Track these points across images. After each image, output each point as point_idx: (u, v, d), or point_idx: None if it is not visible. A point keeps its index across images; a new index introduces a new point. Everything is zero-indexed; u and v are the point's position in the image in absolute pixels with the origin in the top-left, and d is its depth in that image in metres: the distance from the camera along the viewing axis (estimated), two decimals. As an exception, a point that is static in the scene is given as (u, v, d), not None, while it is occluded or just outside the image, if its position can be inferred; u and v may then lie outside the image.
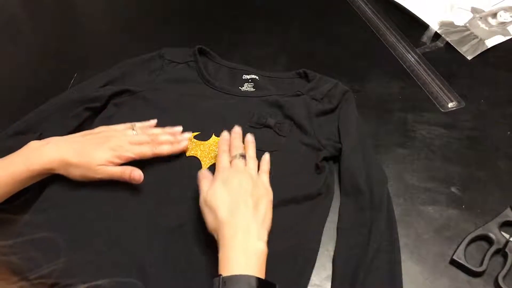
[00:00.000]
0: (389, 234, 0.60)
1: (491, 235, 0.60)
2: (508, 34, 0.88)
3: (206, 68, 0.78)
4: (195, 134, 0.70)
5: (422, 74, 0.82)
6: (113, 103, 0.74)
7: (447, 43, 0.87)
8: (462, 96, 0.78)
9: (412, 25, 0.91)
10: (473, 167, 0.69)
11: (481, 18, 0.90)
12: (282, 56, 0.86)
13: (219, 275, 0.49)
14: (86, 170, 0.61)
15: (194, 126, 0.70)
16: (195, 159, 0.67)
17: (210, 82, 0.76)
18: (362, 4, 0.96)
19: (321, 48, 0.88)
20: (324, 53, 0.87)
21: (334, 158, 0.69)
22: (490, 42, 0.86)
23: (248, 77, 0.78)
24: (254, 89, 0.76)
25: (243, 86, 0.77)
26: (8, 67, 0.87)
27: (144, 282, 0.54)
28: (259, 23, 0.93)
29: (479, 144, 0.72)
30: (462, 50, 0.86)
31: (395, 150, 0.72)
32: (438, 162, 0.70)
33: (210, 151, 0.68)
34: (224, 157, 0.62)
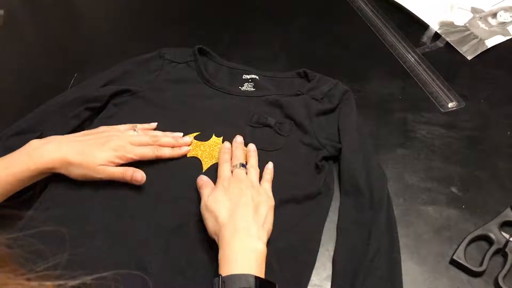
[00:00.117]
0: (389, 234, 0.60)
1: (491, 235, 0.61)
2: (508, 34, 0.88)
3: (206, 68, 0.79)
4: (195, 135, 0.70)
5: (422, 74, 0.82)
6: (113, 103, 0.74)
7: (447, 43, 0.87)
8: (462, 96, 0.78)
9: (412, 25, 0.91)
10: (473, 167, 0.69)
11: (481, 18, 0.91)
12: (282, 56, 0.86)
13: (219, 275, 0.49)
14: (87, 170, 0.61)
15: (194, 126, 0.71)
16: (196, 159, 0.67)
17: (210, 82, 0.76)
18: (362, 4, 0.96)
19: (321, 48, 0.88)
20: (324, 53, 0.87)
21: (334, 158, 0.69)
22: (490, 42, 0.86)
23: (248, 77, 0.78)
24: (254, 89, 0.76)
25: (243, 86, 0.77)
26: (8, 67, 0.87)
27: (135, 283, 0.54)
28: (259, 23, 0.93)
29: (479, 144, 0.72)
30: (462, 50, 0.86)
31: (395, 150, 0.72)
32: (438, 162, 0.70)
33: (211, 151, 0.68)
34: (226, 167, 0.63)
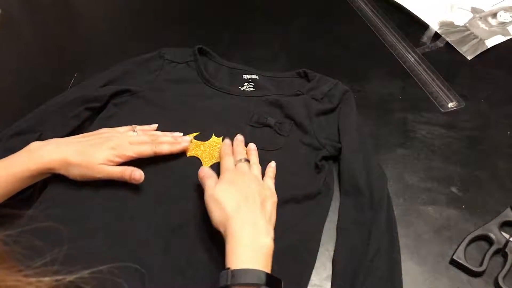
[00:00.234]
0: (389, 234, 0.60)
1: (491, 235, 0.61)
2: (508, 34, 0.88)
3: (206, 68, 0.79)
4: (195, 134, 0.70)
5: (422, 74, 0.82)
6: (113, 103, 0.74)
7: (447, 43, 0.87)
8: (462, 96, 0.78)
9: (412, 25, 0.91)
10: (473, 167, 0.69)
11: (481, 18, 0.91)
12: (282, 56, 0.86)
13: (227, 268, 0.49)
14: (87, 170, 0.61)
15: (194, 126, 0.71)
16: (196, 159, 0.67)
17: (210, 82, 0.76)
18: (362, 4, 0.96)
19: (321, 48, 0.88)
20: (324, 53, 0.87)
21: (334, 158, 0.69)
22: (490, 42, 0.86)
23: (248, 77, 0.78)
24: (254, 89, 0.76)
25: (243, 86, 0.77)
26: (8, 67, 0.87)
27: (136, 279, 0.54)
28: (259, 23, 0.93)
29: (479, 144, 0.72)
30: (462, 50, 0.86)
31: (395, 150, 0.72)
32: (438, 162, 0.70)
33: (211, 151, 0.68)
34: (229, 159, 0.63)
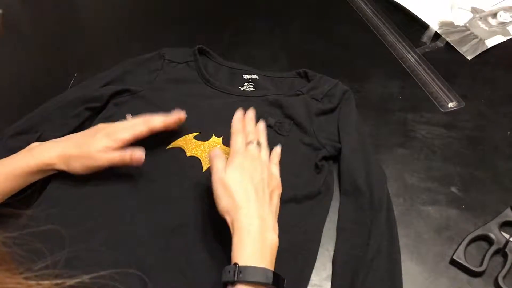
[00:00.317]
0: (389, 234, 0.60)
1: (491, 235, 0.61)
2: (508, 34, 0.88)
3: (206, 68, 0.79)
4: (195, 134, 0.70)
5: (422, 74, 0.82)
6: (113, 103, 0.74)
7: (447, 43, 0.87)
8: (462, 96, 0.78)
9: (412, 25, 0.91)
10: (473, 167, 0.69)
11: (481, 18, 0.91)
12: (282, 56, 0.86)
13: (235, 264, 0.48)
14: (86, 160, 0.61)
15: (194, 126, 0.70)
16: (196, 159, 0.67)
17: (210, 82, 0.76)
18: (362, 4, 0.96)
19: (321, 48, 0.88)
20: (324, 53, 0.87)
21: (334, 158, 0.69)
22: (490, 42, 0.86)
23: (248, 77, 0.78)
24: (254, 89, 0.76)
25: (243, 86, 0.77)
26: (8, 67, 0.87)
27: (132, 282, 0.54)
28: (259, 23, 0.93)
29: (479, 144, 0.72)
30: (462, 50, 0.86)
31: (395, 150, 0.72)
32: (438, 162, 0.70)
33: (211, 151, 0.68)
34: (239, 139, 0.60)
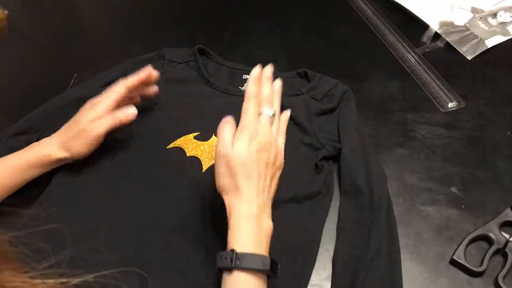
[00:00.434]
0: (389, 234, 0.60)
1: (491, 235, 0.61)
2: (508, 34, 0.88)
3: (206, 68, 0.79)
4: (195, 134, 0.70)
5: (422, 74, 0.82)
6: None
7: (447, 43, 0.87)
8: (462, 96, 0.78)
9: (412, 25, 0.91)
10: (473, 167, 0.69)
11: (481, 18, 0.91)
12: (282, 56, 0.86)
13: (232, 250, 0.48)
14: (82, 136, 0.62)
15: (194, 126, 0.70)
16: (196, 159, 0.67)
17: (210, 82, 0.76)
18: (362, 4, 0.96)
19: (321, 48, 0.88)
20: (324, 53, 0.87)
21: (334, 158, 0.69)
22: (490, 42, 0.86)
23: (248, 77, 0.78)
24: (254, 89, 0.76)
25: (243, 86, 0.77)
26: (9, 67, 0.87)
27: (139, 284, 0.54)
28: (259, 23, 0.93)
29: (479, 144, 0.72)
30: (462, 50, 0.86)
31: (395, 150, 0.72)
32: (438, 162, 0.70)
33: (211, 151, 0.68)
34: (252, 107, 0.54)
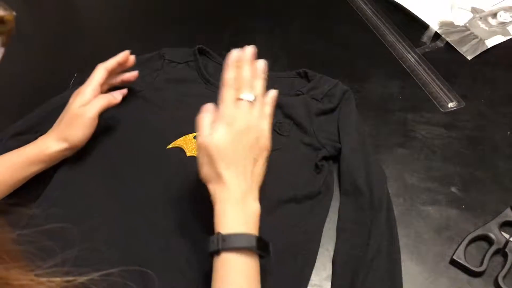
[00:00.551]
0: (389, 234, 0.60)
1: (491, 235, 0.60)
2: (508, 34, 0.88)
3: (206, 68, 0.78)
4: (196, 134, 0.69)
5: (422, 74, 0.82)
6: (113, 103, 0.74)
7: (447, 43, 0.87)
8: (462, 96, 0.78)
9: (412, 25, 0.91)
10: (473, 167, 0.69)
11: (481, 18, 0.90)
12: (282, 56, 0.86)
13: (217, 233, 0.49)
14: (76, 121, 0.63)
15: (194, 126, 0.70)
16: (196, 159, 0.67)
17: (210, 82, 0.76)
18: (362, 4, 0.96)
19: (321, 48, 0.88)
20: (324, 53, 0.87)
21: (334, 158, 0.69)
22: (490, 42, 0.86)
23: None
24: (254, 89, 0.76)
25: (243, 86, 0.77)
26: (9, 67, 0.87)
27: (144, 282, 0.54)
28: (259, 23, 0.93)
29: (479, 144, 0.72)
30: (462, 50, 0.86)
31: (395, 150, 0.72)
32: (438, 162, 0.70)
33: (210, 151, 0.68)
34: (229, 94, 0.54)
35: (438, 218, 0.64)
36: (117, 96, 0.68)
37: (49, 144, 0.62)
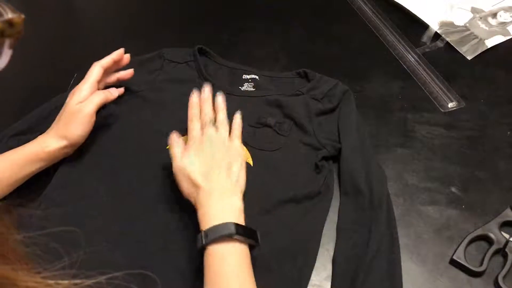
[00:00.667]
0: (389, 234, 0.60)
1: (491, 235, 0.61)
2: (508, 34, 0.88)
3: (206, 68, 0.78)
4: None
5: (422, 74, 0.82)
6: (113, 103, 0.74)
7: (447, 43, 0.87)
8: (462, 96, 0.78)
9: (412, 25, 0.91)
10: (473, 167, 0.69)
11: (481, 18, 0.91)
12: (282, 56, 0.86)
13: (201, 231, 0.51)
14: (75, 116, 0.63)
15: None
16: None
17: (210, 82, 0.76)
18: (362, 4, 0.96)
19: (321, 48, 0.88)
20: (324, 53, 0.87)
21: (334, 158, 0.69)
22: (490, 42, 0.86)
23: (248, 77, 0.78)
24: (254, 89, 0.76)
25: (243, 86, 0.77)
26: (9, 68, 0.86)
27: (144, 282, 0.54)
28: (259, 23, 0.93)
29: (479, 144, 0.72)
30: (462, 50, 0.86)
31: (395, 150, 0.72)
32: (438, 162, 0.70)
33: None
34: (195, 125, 0.62)
35: (438, 218, 0.64)
36: (114, 92, 0.69)
37: (49, 142, 0.62)
